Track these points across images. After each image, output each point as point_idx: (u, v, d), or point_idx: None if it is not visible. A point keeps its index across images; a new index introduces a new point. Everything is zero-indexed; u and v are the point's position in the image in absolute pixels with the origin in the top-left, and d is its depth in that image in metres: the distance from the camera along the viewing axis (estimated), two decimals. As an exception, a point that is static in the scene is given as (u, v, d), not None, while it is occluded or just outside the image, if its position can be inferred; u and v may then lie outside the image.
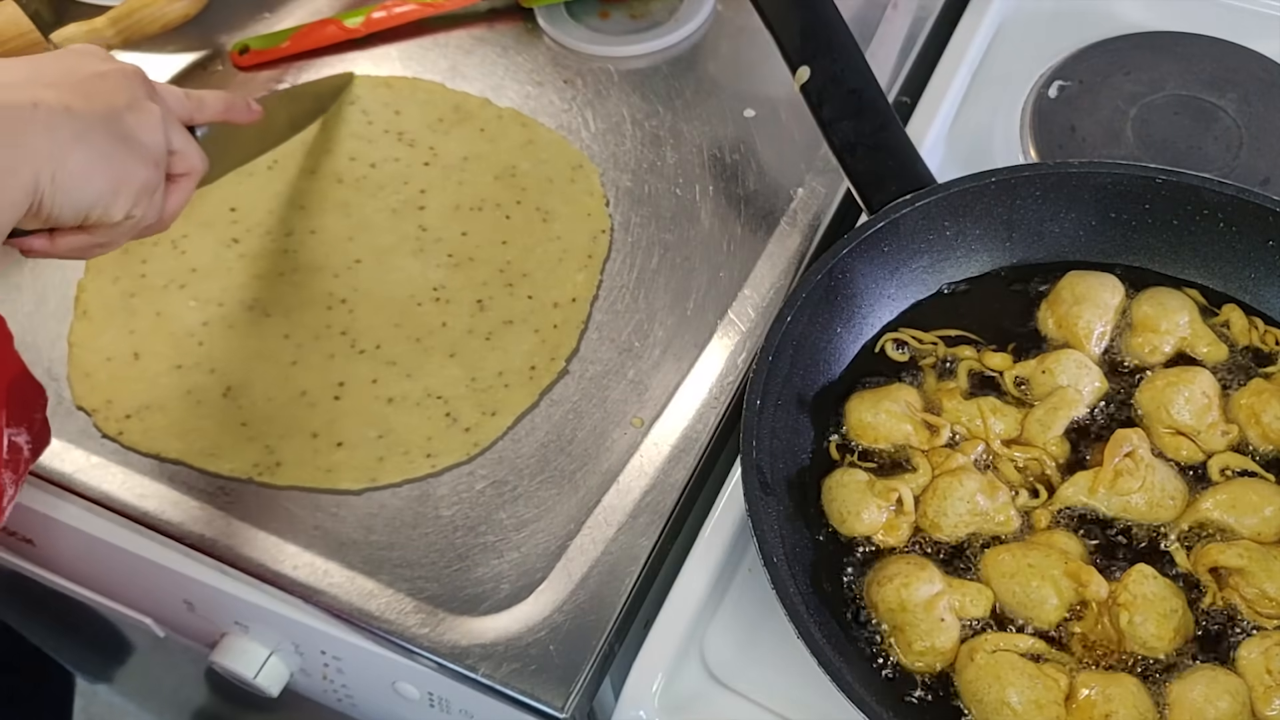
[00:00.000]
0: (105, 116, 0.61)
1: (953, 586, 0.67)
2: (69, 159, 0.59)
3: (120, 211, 0.62)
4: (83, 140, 0.60)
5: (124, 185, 0.62)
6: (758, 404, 0.70)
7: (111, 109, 0.62)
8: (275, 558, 0.73)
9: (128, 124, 0.63)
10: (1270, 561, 0.66)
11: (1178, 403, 0.72)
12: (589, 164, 0.92)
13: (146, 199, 0.64)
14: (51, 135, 0.58)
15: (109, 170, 0.61)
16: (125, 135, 0.62)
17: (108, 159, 0.61)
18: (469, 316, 0.83)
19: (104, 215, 0.62)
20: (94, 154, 0.60)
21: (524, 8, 1.03)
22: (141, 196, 0.64)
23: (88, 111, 0.61)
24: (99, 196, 0.61)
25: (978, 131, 0.94)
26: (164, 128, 0.65)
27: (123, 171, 0.62)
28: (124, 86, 0.64)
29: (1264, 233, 0.76)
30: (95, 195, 0.61)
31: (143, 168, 0.63)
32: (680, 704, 0.69)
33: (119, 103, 0.63)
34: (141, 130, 0.63)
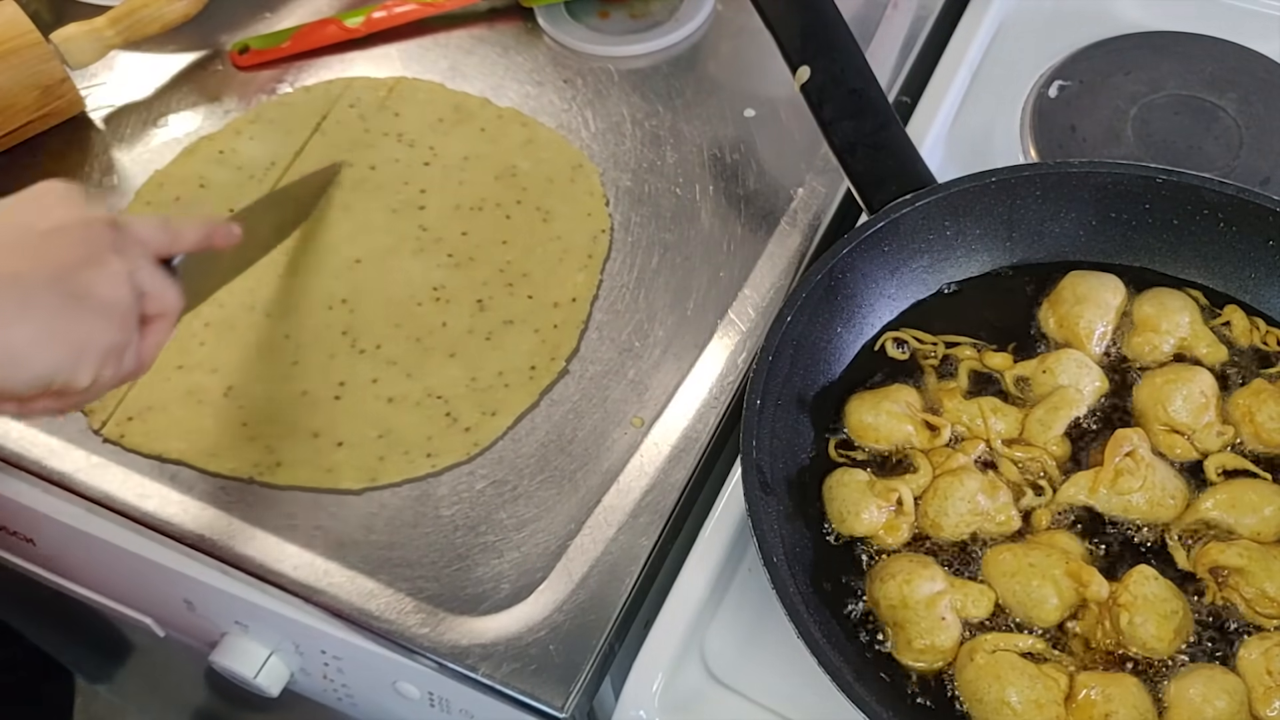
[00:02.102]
0: (58, 280, 0.57)
1: (955, 586, 0.67)
2: (14, 334, 0.56)
3: (86, 378, 0.59)
4: (29, 309, 0.56)
5: (84, 350, 0.58)
6: (758, 404, 0.70)
7: (64, 269, 0.58)
8: (275, 558, 0.73)
9: (84, 283, 0.58)
10: (1270, 561, 0.66)
11: (1175, 401, 0.72)
12: (589, 164, 0.92)
13: (114, 359, 0.61)
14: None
15: (62, 338, 0.57)
16: (82, 297, 0.58)
17: (59, 326, 0.57)
18: (469, 316, 0.83)
19: (68, 383, 0.58)
20: (43, 325, 0.57)
21: (524, 7, 1.03)
22: (108, 357, 0.60)
23: (36, 277, 0.57)
24: (57, 366, 0.57)
25: (978, 131, 0.94)
26: (129, 280, 0.61)
27: (81, 336, 0.58)
28: (81, 240, 0.60)
29: (1264, 233, 0.76)
30: (52, 366, 0.57)
31: (104, 329, 0.59)
32: (680, 704, 0.69)
33: (74, 260, 0.59)
34: (101, 287, 0.59)
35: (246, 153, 0.93)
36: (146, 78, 0.99)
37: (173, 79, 0.99)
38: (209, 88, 0.98)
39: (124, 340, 0.61)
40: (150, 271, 0.63)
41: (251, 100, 0.97)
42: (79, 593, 0.89)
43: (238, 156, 0.92)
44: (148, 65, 1.00)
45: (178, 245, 0.67)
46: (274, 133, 0.94)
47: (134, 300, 0.61)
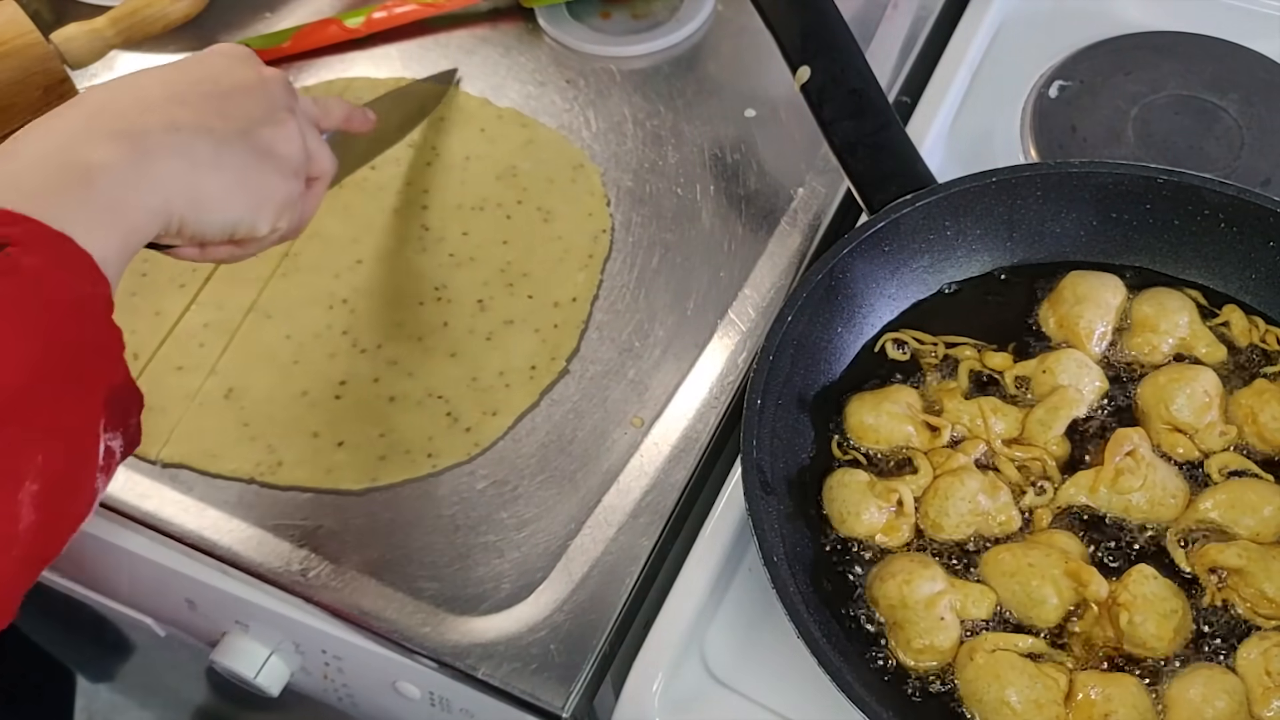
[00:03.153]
0: (244, 133, 0.61)
1: (955, 587, 0.67)
2: (207, 183, 0.59)
3: (266, 226, 0.63)
4: (221, 162, 0.60)
5: (266, 202, 0.62)
6: (758, 404, 0.70)
7: (250, 124, 0.62)
8: (276, 557, 0.73)
9: (266, 138, 0.62)
10: (1269, 562, 0.66)
11: (1179, 399, 0.72)
12: (590, 164, 0.92)
13: (290, 211, 0.64)
14: (188, 160, 0.58)
15: (249, 189, 0.61)
16: (264, 150, 0.62)
17: (247, 178, 0.61)
18: (470, 316, 0.83)
19: (250, 231, 0.62)
20: (233, 175, 0.60)
21: (525, 8, 1.03)
22: (285, 210, 0.64)
23: (226, 131, 0.60)
24: (242, 216, 0.61)
25: (978, 131, 0.94)
26: (301, 138, 0.65)
27: (264, 188, 0.62)
28: (263, 98, 0.64)
29: (1265, 233, 0.76)
30: (238, 215, 0.61)
31: (283, 182, 0.63)
32: (680, 704, 0.69)
33: (257, 116, 0.63)
34: (280, 143, 0.63)
35: (247, 153, 0.92)
36: (147, 78, 0.99)
37: (173, 79, 0.99)
38: (210, 88, 0.98)
39: (297, 193, 0.65)
40: (313, 134, 0.68)
41: (252, 100, 0.97)
42: (79, 593, 0.89)
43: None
44: (148, 65, 1.00)
45: (326, 121, 0.72)
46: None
47: (304, 158, 0.66)
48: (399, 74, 0.98)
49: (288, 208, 0.64)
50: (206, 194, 0.59)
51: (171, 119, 0.59)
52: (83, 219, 0.54)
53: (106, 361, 0.55)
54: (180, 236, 0.60)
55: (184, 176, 0.58)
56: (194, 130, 0.59)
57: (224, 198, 0.60)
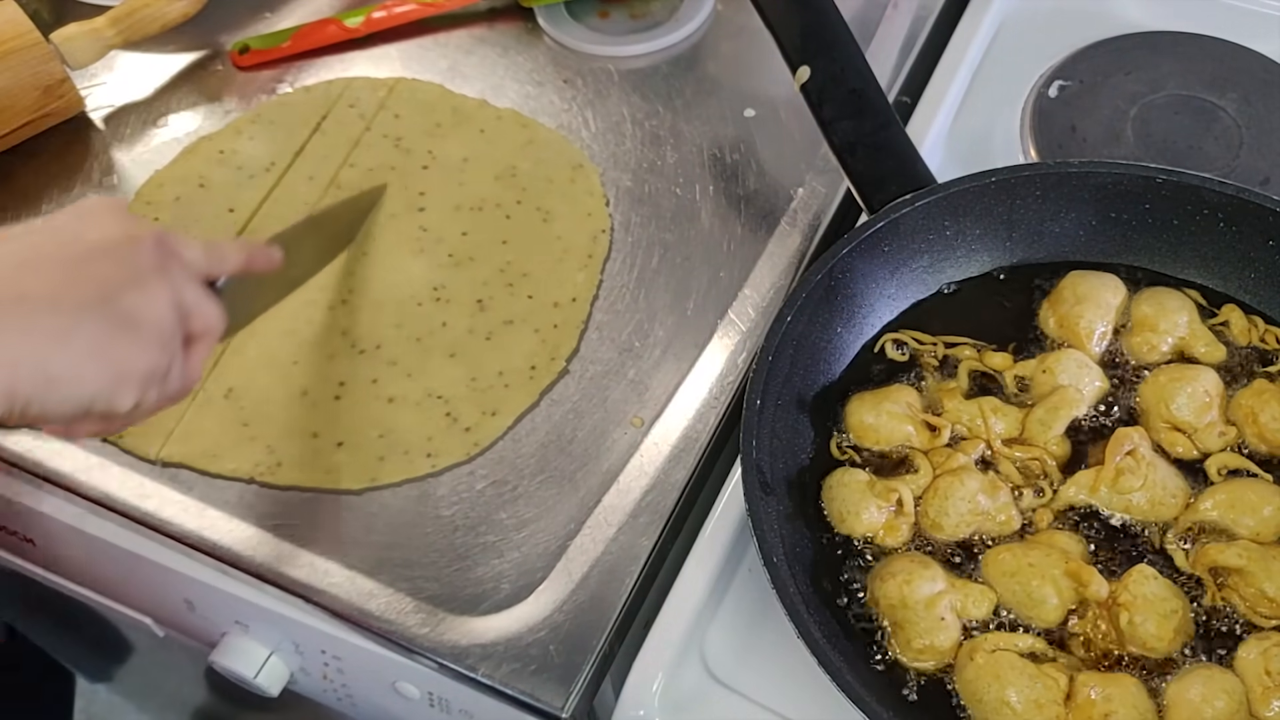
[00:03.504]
0: (100, 302, 0.57)
1: (955, 587, 0.67)
2: (53, 361, 0.55)
3: (127, 402, 0.58)
4: (69, 337, 0.55)
5: (125, 376, 0.58)
6: (758, 404, 0.70)
7: (109, 290, 0.57)
8: (275, 557, 0.73)
9: (127, 306, 0.58)
10: (1269, 562, 0.66)
11: (1179, 398, 0.72)
12: (589, 164, 0.92)
13: (157, 383, 0.60)
14: (33, 335, 0.54)
15: (105, 363, 0.57)
16: (124, 320, 0.58)
17: (103, 351, 0.57)
18: (469, 316, 0.83)
19: (109, 408, 0.58)
20: (85, 349, 0.56)
21: (524, 7, 1.03)
22: (149, 383, 0.59)
23: (79, 300, 0.56)
24: (97, 392, 0.57)
25: (978, 131, 0.94)
26: (172, 300, 0.60)
27: (122, 362, 0.57)
28: (128, 259, 0.59)
29: (1264, 233, 0.76)
30: (92, 392, 0.57)
31: (145, 354, 0.59)
32: (680, 704, 0.69)
33: (119, 280, 0.58)
34: (144, 310, 0.59)
35: (246, 153, 0.93)
36: (146, 78, 0.99)
37: (173, 79, 0.99)
38: (209, 88, 0.98)
39: (166, 363, 0.60)
40: (194, 290, 0.63)
41: (251, 100, 0.97)
42: (79, 593, 0.89)
43: (238, 156, 0.92)
44: (148, 65, 1.00)
45: (220, 267, 0.66)
46: (274, 133, 0.94)
47: (177, 321, 0.61)
48: (399, 73, 0.98)
49: (152, 380, 0.59)
50: (55, 371, 0.55)
51: (18, 289, 0.55)
52: None
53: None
54: (26, 416, 0.55)
55: (29, 356, 0.54)
56: (42, 301, 0.55)
57: (75, 374, 0.56)
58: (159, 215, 0.89)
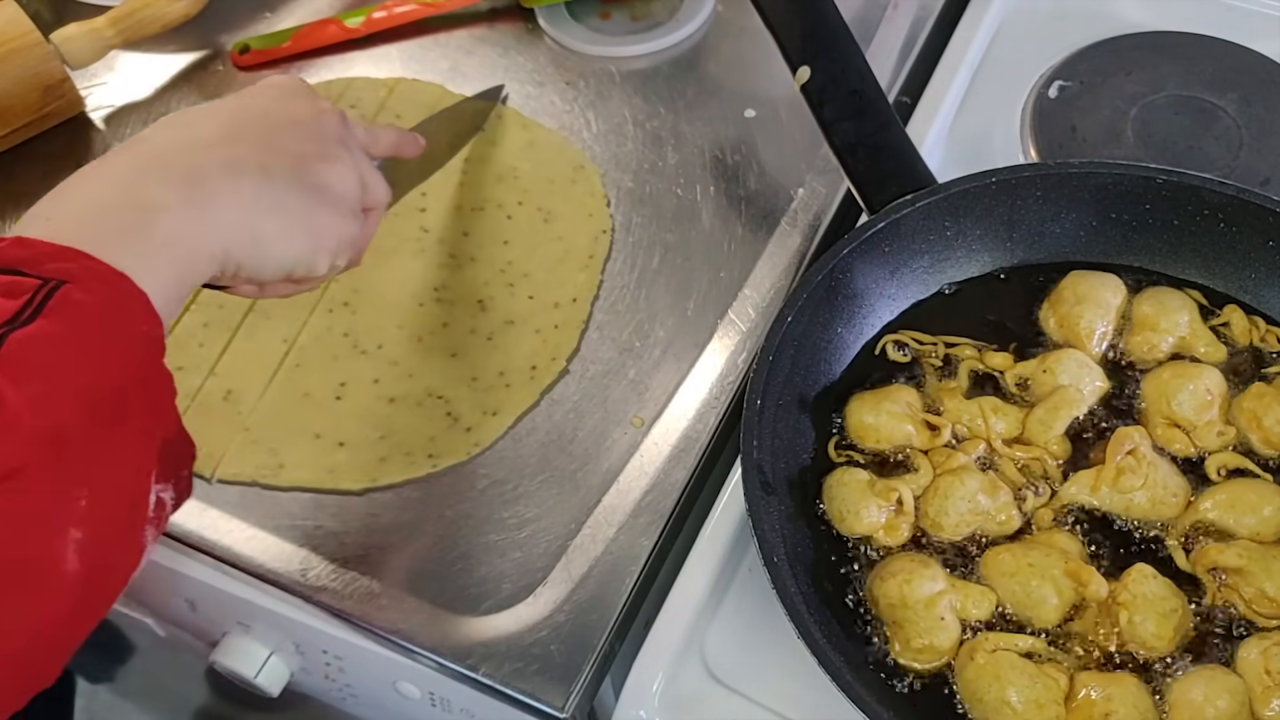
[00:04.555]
0: (300, 173, 0.60)
1: (955, 587, 0.67)
2: (264, 224, 0.58)
3: (324, 267, 0.62)
4: (278, 203, 0.59)
5: (323, 243, 0.61)
6: (758, 404, 0.70)
7: (306, 163, 0.61)
8: (276, 557, 0.73)
9: (323, 177, 0.61)
10: (1269, 561, 0.66)
11: (1181, 395, 0.72)
12: (590, 164, 0.92)
13: (348, 249, 0.64)
14: (246, 204, 0.57)
15: (306, 231, 0.60)
16: (321, 188, 0.61)
17: (305, 219, 0.60)
18: (470, 316, 0.83)
19: (309, 271, 0.61)
20: (290, 217, 0.59)
21: (525, 8, 1.03)
22: (342, 248, 0.63)
23: (283, 171, 0.59)
24: (299, 257, 0.60)
25: (978, 131, 0.94)
26: (356, 173, 0.64)
27: (321, 229, 0.61)
28: (318, 133, 0.63)
29: (1264, 233, 0.76)
30: (295, 256, 0.60)
31: (340, 221, 0.62)
32: (680, 704, 0.69)
33: (313, 152, 0.61)
34: (337, 181, 0.62)
35: (247, 153, 0.92)
36: (146, 78, 0.99)
37: (173, 79, 0.99)
38: (209, 88, 0.99)
39: (356, 229, 0.64)
40: (367, 165, 0.66)
41: (252, 100, 0.97)
42: (80, 593, 0.88)
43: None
44: (148, 65, 1.00)
45: (375, 149, 0.71)
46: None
47: (360, 193, 0.64)
48: (399, 74, 0.98)
49: (345, 245, 0.63)
50: (264, 236, 0.58)
51: (228, 159, 0.58)
52: (141, 261, 0.53)
53: (159, 406, 0.54)
54: (237, 278, 0.59)
55: (242, 219, 0.57)
56: (250, 170, 0.58)
57: (282, 239, 0.59)
58: (160, 215, 0.89)
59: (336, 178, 0.62)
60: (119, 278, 0.52)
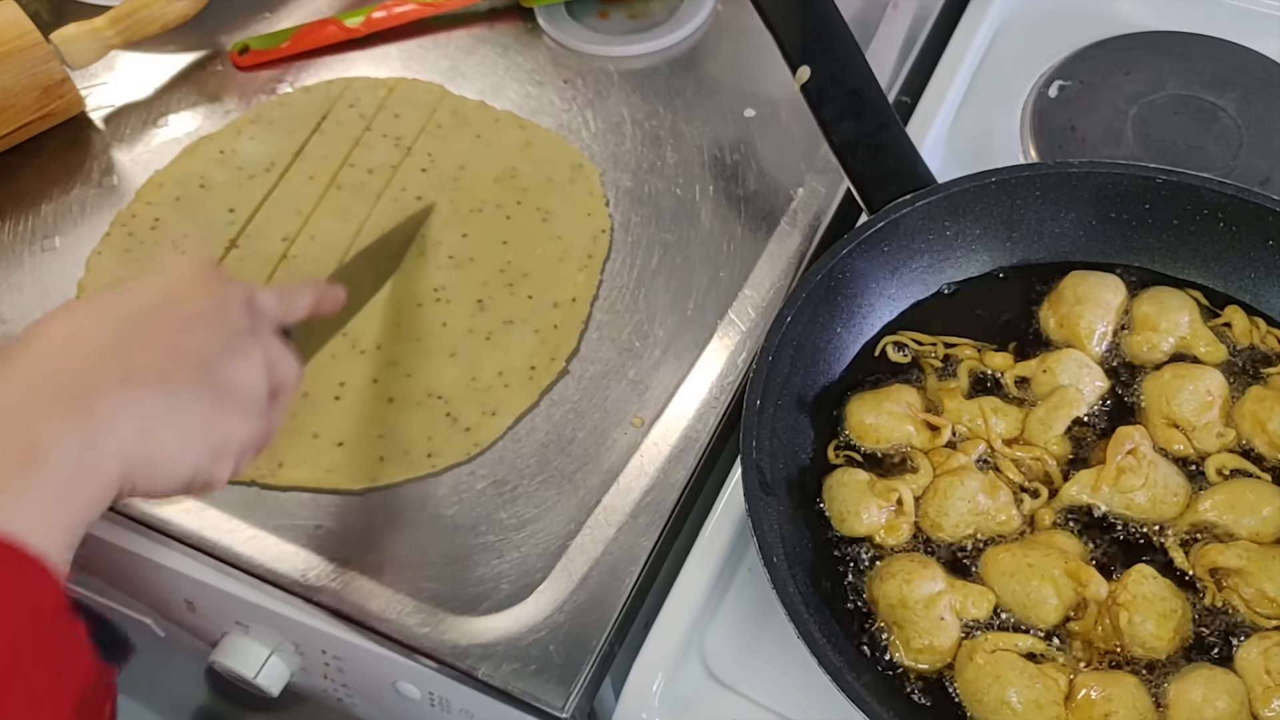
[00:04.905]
0: (200, 373, 0.55)
1: (955, 587, 0.67)
2: (162, 442, 0.54)
3: (224, 476, 0.58)
4: (177, 415, 0.54)
5: (226, 449, 0.57)
6: (758, 404, 0.70)
7: (207, 360, 0.56)
8: (275, 558, 0.73)
9: (225, 375, 0.57)
10: (1269, 562, 0.66)
11: (1182, 395, 0.72)
12: (588, 164, 0.92)
13: (252, 451, 0.60)
14: (142, 419, 0.53)
15: (208, 440, 0.56)
16: (223, 391, 0.56)
17: (207, 428, 0.56)
18: (469, 316, 0.83)
19: (208, 481, 0.57)
20: (190, 428, 0.55)
21: (524, 8, 1.03)
22: (246, 451, 0.59)
23: (183, 377, 0.55)
24: (197, 469, 0.56)
25: (978, 131, 0.94)
26: (264, 362, 0.59)
27: (224, 436, 0.57)
28: (222, 325, 0.58)
29: (1264, 232, 0.76)
30: (192, 469, 0.55)
31: (244, 423, 0.58)
32: (680, 704, 0.69)
33: (215, 348, 0.57)
34: (242, 379, 0.58)
35: (246, 153, 0.93)
36: (146, 78, 0.99)
37: (173, 79, 0.99)
38: (209, 88, 0.98)
39: (260, 428, 0.59)
40: (276, 347, 0.62)
41: (251, 100, 0.97)
42: (79, 593, 0.89)
43: (238, 156, 0.92)
44: (148, 65, 1.00)
45: (292, 315, 0.65)
46: (274, 133, 0.94)
47: (265, 385, 0.60)
48: (399, 73, 0.98)
49: (249, 447, 0.59)
50: (162, 452, 0.54)
51: (123, 370, 0.53)
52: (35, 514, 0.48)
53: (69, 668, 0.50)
54: (130, 496, 0.54)
55: (138, 440, 0.52)
56: (148, 381, 0.53)
57: (181, 452, 0.55)
58: (159, 215, 0.89)
59: (242, 375, 0.58)
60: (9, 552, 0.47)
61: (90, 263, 0.86)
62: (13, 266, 0.87)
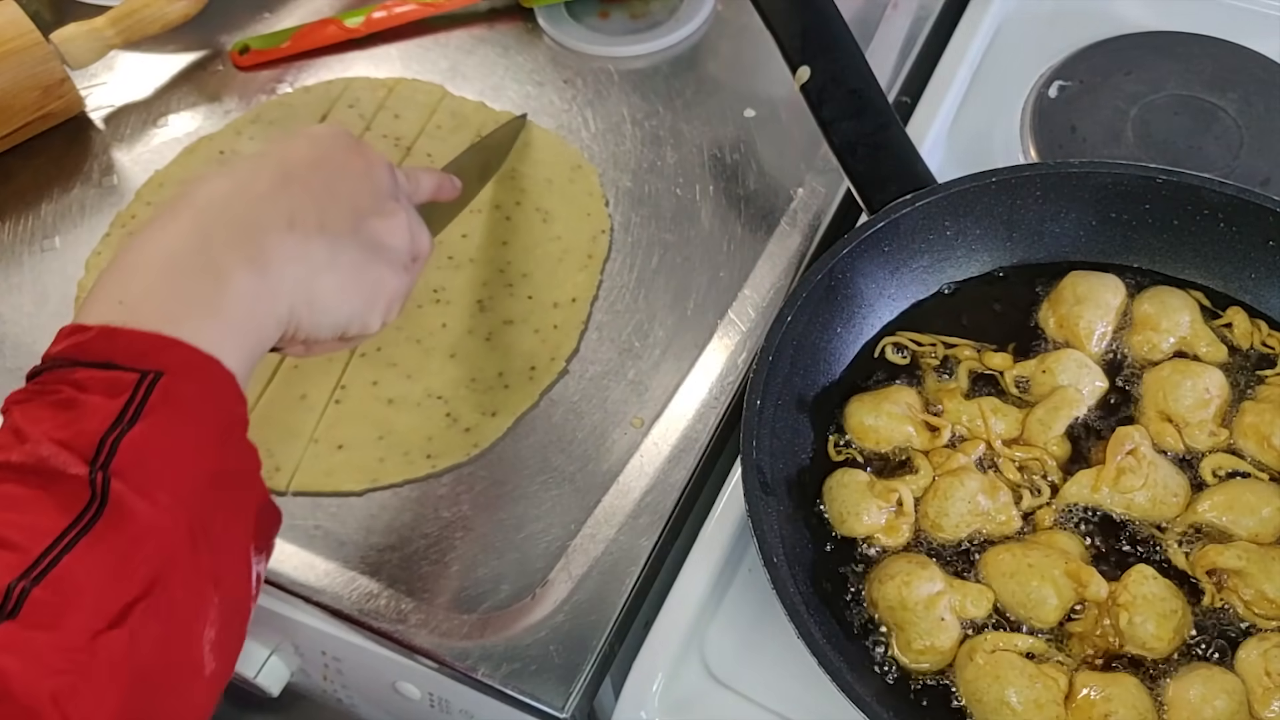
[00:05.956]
0: (356, 228, 0.59)
1: (954, 587, 0.67)
2: (321, 283, 0.57)
3: (376, 324, 0.61)
4: (335, 261, 0.58)
5: (377, 299, 0.60)
6: (758, 404, 0.70)
7: (360, 216, 0.60)
8: (276, 558, 0.73)
9: (377, 232, 0.60)
10: (1268, 563, 0.66)
11: (1181, 390, 0.72)
12: (587, 164, 0.92)
13: (398, 305, 0.63)
14: (306, 263, 0.56)
15: (361, 288, 0.59)
16: (375, 245, 0.60)
17: (361, 276, 0.59)
18: (469, 317, 0.83)
19: (362, 329, 0.60)
20: (346, 274, 0.58)
21: (524, 8, 1.03)
22: (394, 305, 0.62)
23: (340, 226, 0.58)
24: (353, 315, 0.59)
25: (978, 131, 0.94)
26: (408, 225, 0.63)
27: (375, 285, 0.60)
28: (370, 186, 0.62)
29: (1264, 233, 0.76)
30: (349, 315, 0.59)
31: (394, 277, 0.61)
32: (680, 704, 0.69)
33: (366, 206, 0.61)
34: (390, 235, 0.61)
35: (246, 152, 0.93)
36: (146, 78, 0.99)
37: (173, 79, 0.99)
38: (209, 88, 0.99)
39: (409, 282, 0.63)
40: (414, 216, 0.65)
41: (251, 100, 0.97)
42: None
43: (238, 156, 0.92)
44: (148, 65, 1.00)
45: (417, 196, 0.70)
46: (274, 133, 0.94)
47: (410, 246, 0.64)
48: (399, 74, 0.98)
49: (396, 300, 0.62)
50: (322, 294, 0.57)
51: (286, 215, 0.56)
52: (222, 337, 0.52)
53: (252, 484, 0.54)
54: (294, 340, 0.58)
55: (303, 280, 0.56)
56: (309, 228, 0.57)
57: (339, 297, 0.58)
58: (159, 215, 0.89)
59: (390, 233, 0.61)
60: (209, 363, 0.52)
61: (90, 263, 0.86)
62: (13, 266, 0.87)
